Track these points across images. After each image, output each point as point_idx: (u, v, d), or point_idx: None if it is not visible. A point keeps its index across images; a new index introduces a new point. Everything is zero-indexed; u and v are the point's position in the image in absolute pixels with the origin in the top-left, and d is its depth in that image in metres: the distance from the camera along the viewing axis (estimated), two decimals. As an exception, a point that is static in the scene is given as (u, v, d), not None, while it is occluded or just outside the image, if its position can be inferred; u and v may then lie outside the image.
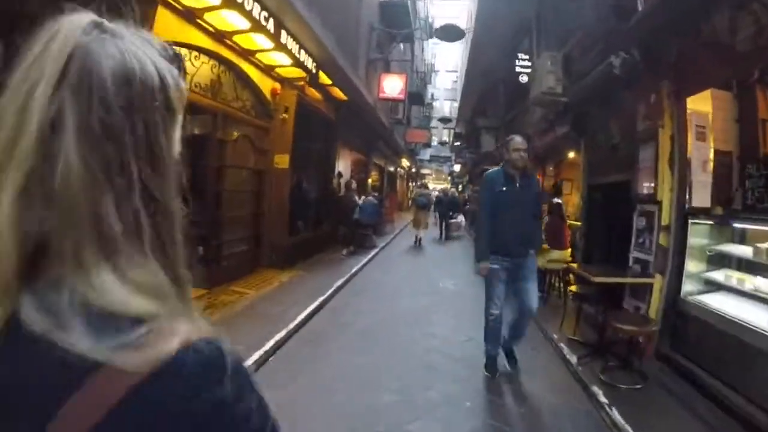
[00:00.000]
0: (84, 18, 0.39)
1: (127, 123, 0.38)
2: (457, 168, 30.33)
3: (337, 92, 9.01)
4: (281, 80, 7.07)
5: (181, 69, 0.46)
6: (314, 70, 6.90)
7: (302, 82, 7.37)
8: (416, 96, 21.60)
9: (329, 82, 8.14)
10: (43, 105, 0.35)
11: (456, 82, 35.47)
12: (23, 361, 0.35)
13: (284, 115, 7.09)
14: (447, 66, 38.41)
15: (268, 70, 6.68)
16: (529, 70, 9.16)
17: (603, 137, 5.53)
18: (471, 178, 23.66)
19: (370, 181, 15.60)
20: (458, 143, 25.20)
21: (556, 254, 6.26)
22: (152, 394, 0.33)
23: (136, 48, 0.40)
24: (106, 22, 0.41)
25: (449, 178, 36.29)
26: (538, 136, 8.35)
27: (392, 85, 11.70)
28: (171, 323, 0.37)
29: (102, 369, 0.33)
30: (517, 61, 9.27)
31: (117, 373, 0.33)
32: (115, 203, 0.37)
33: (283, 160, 7.19)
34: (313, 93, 8.28)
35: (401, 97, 11.86)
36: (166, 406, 0.34)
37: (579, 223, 6.56)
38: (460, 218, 15.05)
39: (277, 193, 7.22)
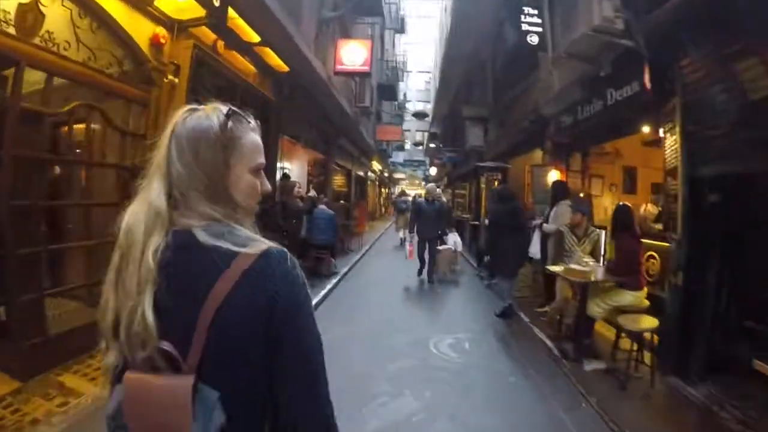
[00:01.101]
0: (186, 107, 0.86)
1: (190, 150, 0.80)
2: (433, 171, 27.99)
3: (274, 59, 6.30)
4: (169, 24, 4.33)
5: (231, 116, 0.85)
6: (218, 3, 4.21)
7: (212, 35, 4.76)
8: (388, 89, 19.13)
9: (256, 38, 5.48)
10: (165, 145, 0.82)
11: (429, 82, 33.31)
12: (201, 257, 0.76)
13: (171, 77, 4.31)
14: (419, 67, 36.26)
15: (141, 3, 3.93)
16: (539, 29, 6.75)
17: (729, 97, 3.02)
18: (450, 181, 21.27)
19: (334, 186, 12.86)
20: (434, 144, 22.82)
21: (629, 298, 3.70)
22: (260, 264, 0.76)
23: (206, 114, 0.84)
24: (198, 106, 0.86)
25: (423, 182, 33.87)
26: (562, 116, 5.88)
27: (353, 54, 8.75)
28: (262, 239, 0.82)
29: (239, 255, 0.76)
30: (522, 17, 6.82)
31: (245, 256, 0.76)
32: (201, 184, 0.81)
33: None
34: (239, 59, 5.62)
35: (365, 69, 8.94)
36: (268, 270, 0.76)
37: (660, 243, 4.02)
38: (454, 239, 8.48)
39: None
